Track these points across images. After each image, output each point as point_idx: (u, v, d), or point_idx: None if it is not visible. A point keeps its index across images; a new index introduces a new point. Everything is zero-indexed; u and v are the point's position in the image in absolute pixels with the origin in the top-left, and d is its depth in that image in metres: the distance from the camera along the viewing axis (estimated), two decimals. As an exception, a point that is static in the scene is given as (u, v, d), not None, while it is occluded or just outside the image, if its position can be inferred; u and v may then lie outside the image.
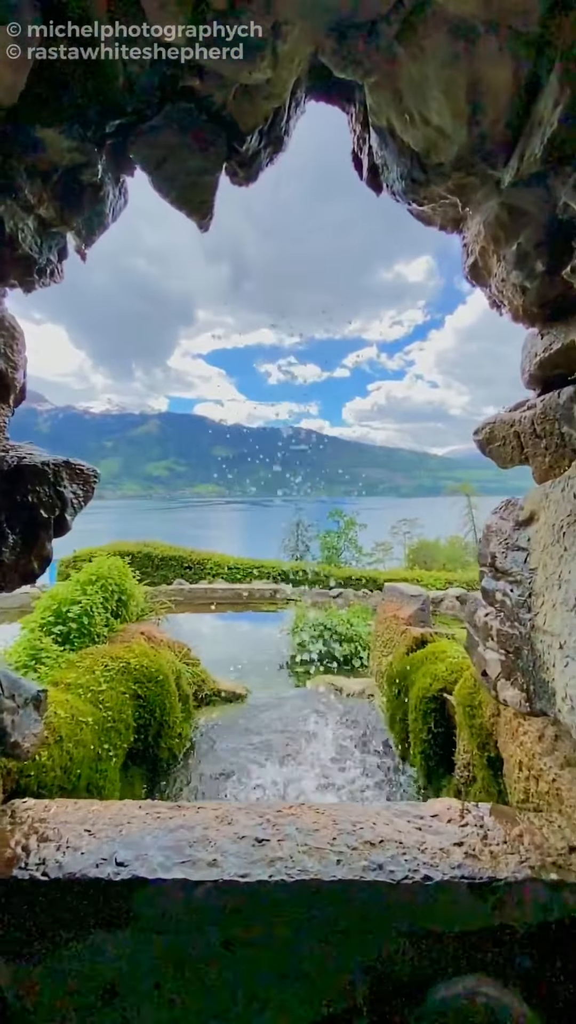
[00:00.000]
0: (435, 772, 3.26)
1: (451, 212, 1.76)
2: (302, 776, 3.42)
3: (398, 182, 1.71)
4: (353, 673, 7.19)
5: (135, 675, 3.33)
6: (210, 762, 3.65)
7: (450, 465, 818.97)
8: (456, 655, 3.43)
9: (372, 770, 3.56)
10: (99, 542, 17.78)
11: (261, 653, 8.40)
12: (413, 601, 4.40)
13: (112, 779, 2.86)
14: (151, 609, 4.71)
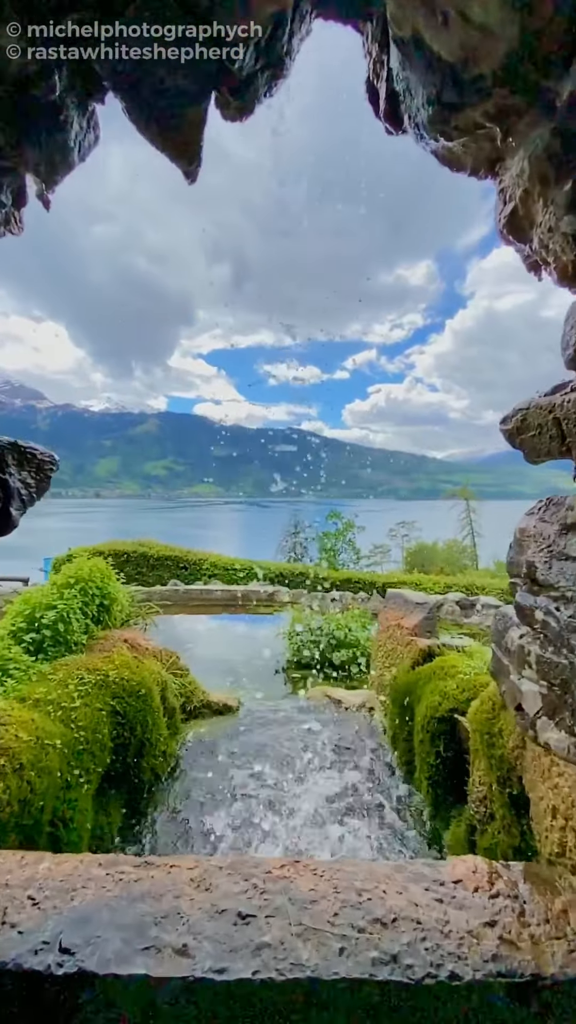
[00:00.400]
0: (443, 801, 2.95)
1: (486, 149, 1.45)
2: (296, 802, 3.11)
3: (423, 110, 1.40)
4: (351, 681, 6.90)
5: (114, 689, 3.01)
6: (197, 784, 3.33)
7: (449, 468, 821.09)
8: (467, 670, 3.12)
9: (372, 795, 3.24)
10: (95, 541, 17.45)
11: (256, 657, 8.13)
12: (418, 609, 4.09)
13: (83, 808, 2.54)
14: (137, 614, 4.39)
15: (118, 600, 3.85)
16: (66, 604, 3.31)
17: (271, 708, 4.45)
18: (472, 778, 2.52)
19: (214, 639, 9.43)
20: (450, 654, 3.52)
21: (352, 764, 3.48)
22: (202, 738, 3.89)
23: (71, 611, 3.33)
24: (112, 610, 3.81)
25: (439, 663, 3.34)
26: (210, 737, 3.89)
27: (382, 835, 2.89)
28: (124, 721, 2.98)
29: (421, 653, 3.56)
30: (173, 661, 4.25)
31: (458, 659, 3.33)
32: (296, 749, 3.62)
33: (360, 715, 4.23)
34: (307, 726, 3.90)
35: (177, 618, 10.92)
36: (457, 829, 2.72)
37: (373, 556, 43.72)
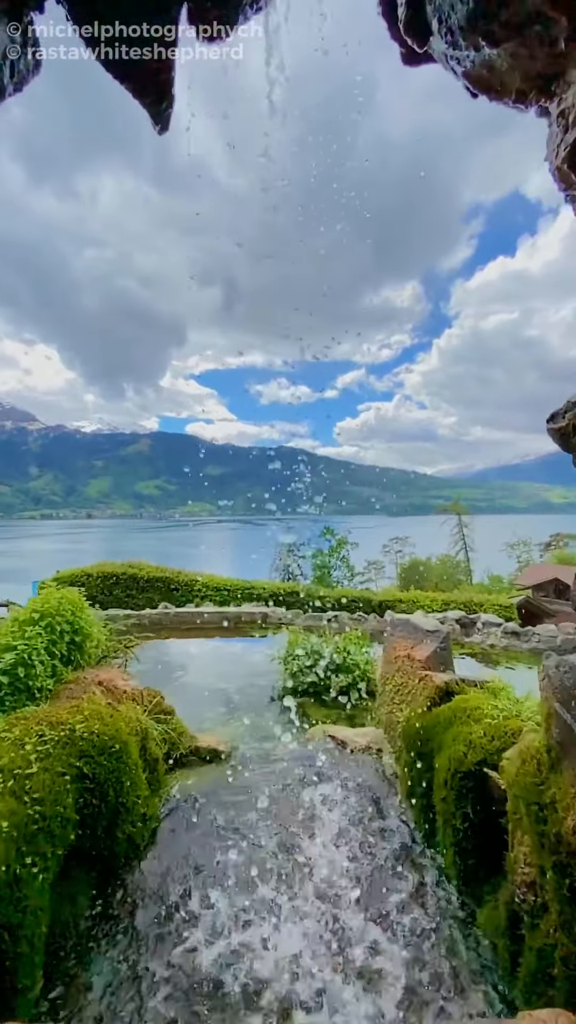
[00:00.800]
0: (475, 874, 2.49)
1: (541, 59, 1.11)
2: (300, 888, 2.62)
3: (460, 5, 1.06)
4: (351, 708, 6.44)
5: (81, 747, 2.53)
6: (181, 859, 2.82)
7: (439, 484, 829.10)
8: (494, 713, 2.69)
9: (390, 864, 2.76)
10: (85, 562, 16.90)
11: (250, 684, 7.67)
12: (429, 639, 3.67)
13: (37, 907, 2.04)
14: (115, 649, 3.92)
15: (91, 635, 3.39)
16: (28, 644, 2.85)
17: (267, 753, 3.95)
18: (514, 854, 2.07)
19: (206, 665, 8.93)
20: (470, 691, 3.10)
21: (369, 840, 2.97)
22: (189, 792, 3.39)
23: (34, 652, 2.87)
24: (85, 647, 3.34)
25: (459, 704, 2.91)
26: (197, 791, 3.38)
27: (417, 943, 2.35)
28: (93, 786, 2.50)
29: (437, 691, 3.13)
30: (156, 703, 3.77)
31: (481, 698, 2.90)
32: (298, 814, 3.11)
33: (368, 760, 3.75)
34: (310, 788, 3.38)
35: (167, 642, 10.37)
36: (495, 913, 2.25)
37: (367, 573, 43.40)
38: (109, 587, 15.25)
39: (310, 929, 2.34)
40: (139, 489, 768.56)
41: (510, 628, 11.85)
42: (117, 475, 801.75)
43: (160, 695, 3.91)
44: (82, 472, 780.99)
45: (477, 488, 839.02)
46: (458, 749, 2.58)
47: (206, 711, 6.09)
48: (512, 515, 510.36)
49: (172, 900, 2.53)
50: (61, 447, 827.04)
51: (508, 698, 2.85)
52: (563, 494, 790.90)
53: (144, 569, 15.86)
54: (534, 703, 2.78)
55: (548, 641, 11.25)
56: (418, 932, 2.38)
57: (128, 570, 15.63)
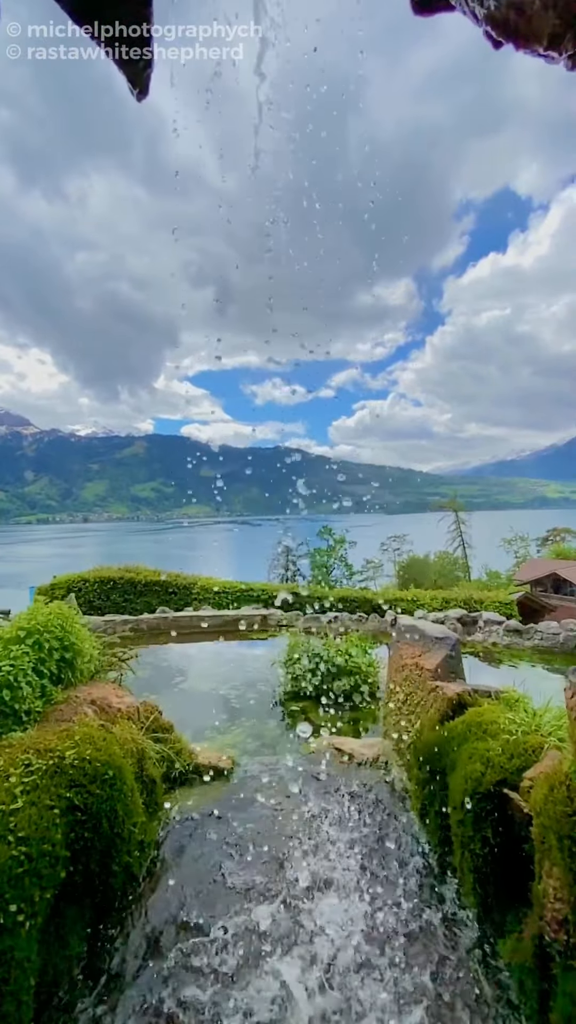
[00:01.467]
0: (496, 903, 2.33)
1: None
2: (314, 921, 2.45)
3: None
4: (355, 711, 6.31)
5: (72, 775, 2.36)
6: (182, 889, 2.65)
7: (435, 481, 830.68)
8: (511, 728, 2.53)
9: (404, 891, 2.60)
10: (82, 567, 16.70)
11: (251, 690, 7.54)
12: (438, 646, 3.51)
13: (23, 959, 1.87)
14: (109, 664, 3.74)
15: (83, 652, 3.21)
16: (14, 665, 2.67)
17: (269, 768, 3.78)
18: (542, 886, 1.91)
19: (205, 669, 8.79)
20: (484, 702, 2.94)
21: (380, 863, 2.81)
22: (189, 813, 3.22)
23: (20, 673, 2.68)
24: (76, 664, 3.16)
25: (474, 717, 2.75)
26: (198, 813, 3.21)
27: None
28: (85, 818, 2.32)
29: (450, 704, 2.96)
30: (154, 719, 3.59)
31: (496, 711, 2.74)
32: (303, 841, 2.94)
33: (376, 775, 3.59)
34: (316, 807, 3.21)
35: (166, 647, 10.20)
36: (520, 947, 2.09)
37: (366, 571, 43.34)
38: (106, 592, 15.06)
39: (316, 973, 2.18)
40: (135, 492, 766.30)
41: (512, 626, 11.73)
42: (113, 478, 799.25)
43: (158, 710, 3.74)
44: (78, 476, 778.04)
45: (473, 484, 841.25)
46: (475, 768, 2.42)
47: (206, 719, 5.93)
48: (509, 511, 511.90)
49: (171, 941, 2.36)
50: (56, 451, 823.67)
51: (525, 710, 2.69)
52: (559, 489, 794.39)
53: (141, 573, 15.69)
54: (553, 715, 2.63)
55: (550, 638, 11.13)
56: (435, 962, 2.23)
57: (125, 574, 15.45)
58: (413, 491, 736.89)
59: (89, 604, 14.16)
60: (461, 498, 61.03)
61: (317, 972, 2.15)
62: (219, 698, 6.99)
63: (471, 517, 50.59)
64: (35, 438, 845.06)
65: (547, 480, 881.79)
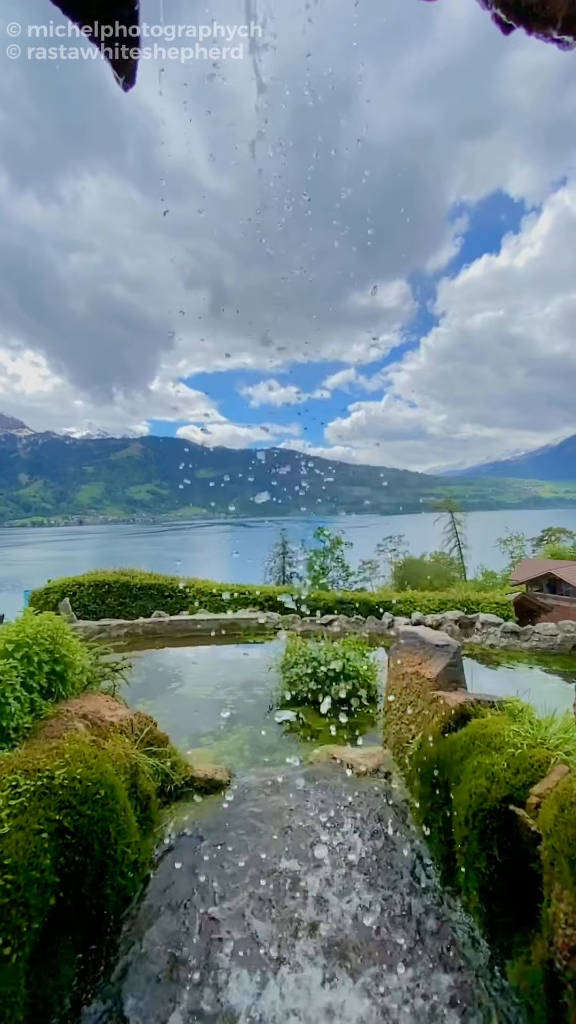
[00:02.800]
0: (502, 923, 2.25)
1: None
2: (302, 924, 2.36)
3: None
4: (352, 716, 6.25)
5: (62, 796, 2.26)
6: (177, 912, 2.56)
7: (430, 482, 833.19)
8: (516, 740, 2.46)
9: (407, 910, 2.52)
10: (77, 570, 16.54)
11: (248, 694, 7.48)
12: (439, 654, 3.43)
13: (13, 990, 1.77)
14: (102, 675, 3.64)
15: (74, 664, 3.12)
16: (2, 680, 2.57)
17: (267, 780, 3.69)
18: (552, 910, 1.84)
19: (202, 674, 8.71)
20: (487, 713, 2.86)
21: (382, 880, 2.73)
22: (185, 830, 3.12)
23: (8, 688, 2.59)
24: (67, 677, 3.07)
25: (477, 728, 2.67)
26: (193, 829, 3.11)
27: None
28: (75, 840, 2.23)
29: (452, 715, 2.89)
30: (148, 731, 3.49)
31: (500, 722, 2.67)
32: (302, 851, 2.85)
33: (376, 786, 3.50)
34: (315, 821, 3.12)
35: (162, 652, 10.10)
36: (529, 970, 2.02)
37: (362, 572, 43.28)
38: (101, 596, 14.91)
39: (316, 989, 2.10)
40: (131, 494, 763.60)
41: (509, 627, 11.70)
42: (108, 480, 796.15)
43: (153, 722, 3.64)
44: (73, 478, 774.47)
45: (469, 485, 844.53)
46: (479, 783, 2.34)
47: (203, 724, 5.85)
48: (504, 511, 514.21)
49: (165, 966, 2.27)
50: (51, 453, 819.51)
51: (530, 721, 2.62)
52: (553, 489, 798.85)
53: (137, 577, 15.55)
54: (558, 726, 2.56)
55: (548, 640, 11.11)
56: (443, 988, 2.15)
57: (121, 578, 15.31)
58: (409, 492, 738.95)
59: (84, 608, 14.02)
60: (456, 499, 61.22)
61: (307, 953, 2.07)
62: (216, 703, 6.91)
63: (466, 518, 50.68)
64: (29, 440, 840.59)
65: (541, 480, 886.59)
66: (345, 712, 6.53)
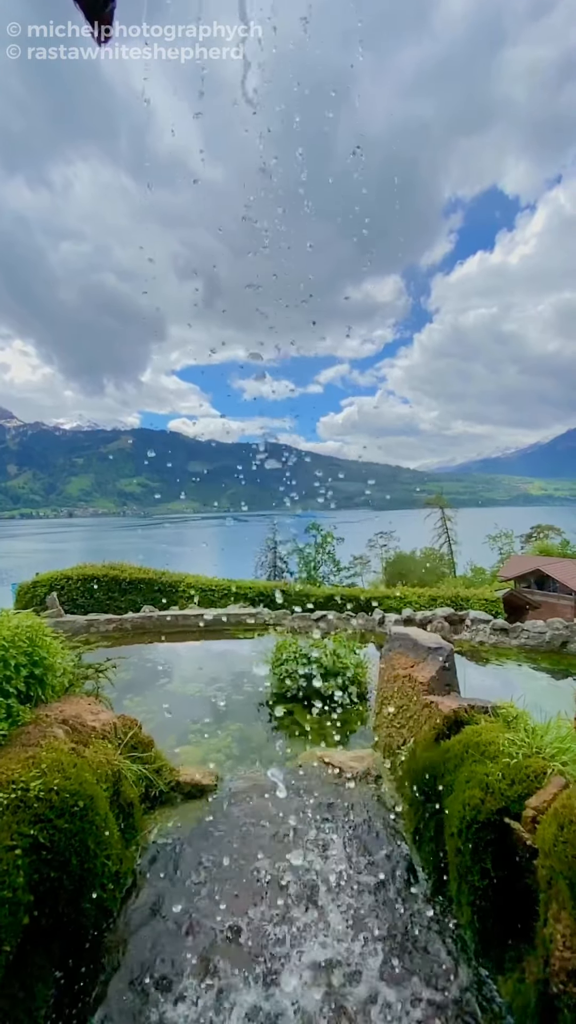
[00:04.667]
0: (495, 938, 2.18)
1: None
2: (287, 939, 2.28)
3: None
4: (342, 712, 6.22)
5: (37, 810, 2.14)
6: (161, 926, 2.46)
7: (421, 478, 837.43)
8: (511, 749, 2.39)
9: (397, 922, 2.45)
10: (67, 563, 16.28)
11: (237, 690, 7.40)
12: (432, 657, 3.35)
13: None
14: (84, 676, 3.51)
15: (54, 667, 2.99)
16: (-26, 685, 2.44)
17: (254, 784, 3.60)
18: (549, 931, 1.77)
19: (191, 670, 8.61)
20: (481, 719, 2.79)
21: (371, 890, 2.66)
22: (168, 837, 3.02)
23: (-18, 694, 2.46)
24: (47, 680, 2.94)
25: (471, 736, 2.60)
26: (178, 837, 3.01)
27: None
28: (51, 856, 2.11)
29: (445, 721, 2.81)
30: (133, 735, 3.38)
31: (495, 730, 2.60)
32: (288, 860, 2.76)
33: (366, 791, 3.43)
34: (303, 828, 3.04)
35: (151, 647, 9.97)
36: (522, 988, 1.95)
37: (353, 567, 43.41)
38: (90, 590, 14.71)
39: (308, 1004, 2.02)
40: (121, 487, 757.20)
41: (499, 624, 11.74)
42: (99, 473, 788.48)
43: (137, 725, 3.53)
44: (62, 470, 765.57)
45: (459, 481, 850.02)
46: (473, 794, 2.27)
47: (191, 721, 5.76)
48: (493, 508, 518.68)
49: (147, 981, 2.17)
50: (40, 445, 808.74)
51: (525, 728, 2.55)
52: (542, 486, 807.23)
53: (126, 570, 15.36)
54: (554, 736, 2.49)
55: (537, 637, 11.16)
56: (435, 1005, 2.08)
57: (110, 572, 15.12)
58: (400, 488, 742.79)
59: (72, 602, 13.82)
60: (447, 495, 61.50)
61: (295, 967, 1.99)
62: (205, 699, 6.83)
63: (456, 514, 50.98)
64: (18, 431, 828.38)
65: (531, 477, 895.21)
66: (335, 709, 6.50)
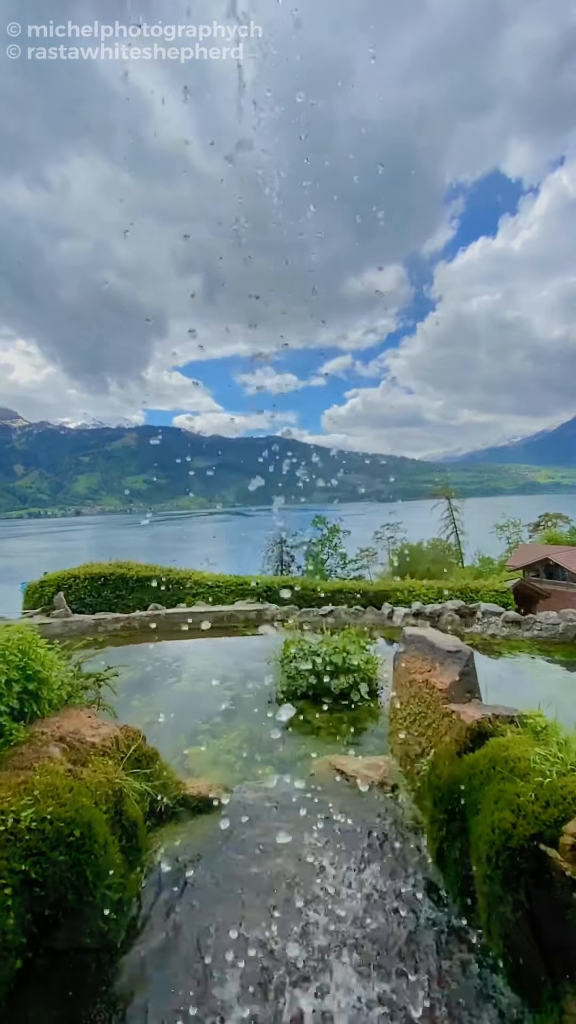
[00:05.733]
0: (531, 973, 1.99)
1: None
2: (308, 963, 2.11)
3: None
4: (352, 711, 6.07)
5: (29, 842, 1.97)
6: (161, 954, 2.29)
7: (427, 469, 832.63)
8: (544, 766, 2.18)
9: (423, 950, 2.26)
10: (73, 562, 16.23)
11: (246, 689, 7.27)
12: (450, 661, 3.15)
13: None
14: (83, 686, 3.35)
15: (50, 680, 2.82)
16: (-38, 705, 2.27)
17: (265, 796, 3.43)
18: (598, 980, 1.57)
19: (199, 668, 8.48)
20: (507, 730, 2.58)
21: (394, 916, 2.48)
22: (175, 857, 2.85)
23: (-30, 714, 2.29)
24: (42, 695, 2.77)
25: (498, 750, 2.39)
26: (185, 856, 2.84)
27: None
28: (45, 892, 1.95)
29: (468, 733, 2.61)
30: (136, 748, 3.21)
31: (523, 743, 2.39)
32: (299, 896, 2.58)
33: (383, 802, 3.25)
34: (318, 845, 2.86)
35: (158, 645, 9.87)
36: None
37: (360, 560, 43.20)
38: (97, 588, 14.65)
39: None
40: (127, 484, 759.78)
41: (510, 617, 11.49)
42: (104, 471, 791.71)
43: (140, 736, 3.35)
44: (68, 469, 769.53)
45: (466, 471, 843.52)
46: (504, 817, 2.07)
47: (200, 721, 5.64)
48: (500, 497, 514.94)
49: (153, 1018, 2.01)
50: (46, 444, 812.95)
51: (557, 742, 2.34)
52: (549, 474, 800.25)
53: (133, 568, 15.29)
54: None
55: (550, 629, 10.92)
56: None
57: (116, 570, 15.04)
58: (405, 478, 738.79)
59: (80, 601, 13.76)
60: (454, 485, 60.95)
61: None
62: (213, 698, 6.70)
63: (463, 504, 50.52)
64: (24, 431, 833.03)
65: (538, 466, 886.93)
66: (345, 707, 6.37)
